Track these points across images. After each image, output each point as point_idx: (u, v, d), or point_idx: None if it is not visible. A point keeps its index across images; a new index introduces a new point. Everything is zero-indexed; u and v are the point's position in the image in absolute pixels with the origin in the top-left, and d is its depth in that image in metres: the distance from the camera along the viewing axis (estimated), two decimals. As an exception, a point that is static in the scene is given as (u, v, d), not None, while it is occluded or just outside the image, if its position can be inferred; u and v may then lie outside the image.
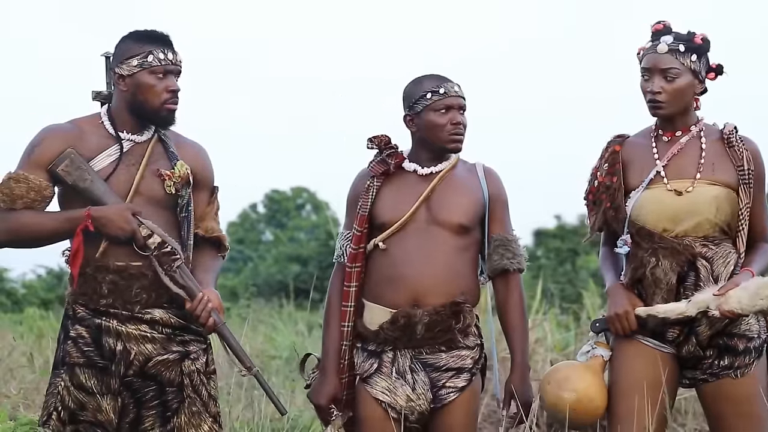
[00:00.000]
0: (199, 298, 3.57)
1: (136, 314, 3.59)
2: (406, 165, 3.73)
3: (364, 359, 3.70)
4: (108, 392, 3.60)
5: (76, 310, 3.62)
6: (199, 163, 3.75)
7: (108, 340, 3.59)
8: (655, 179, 3.70)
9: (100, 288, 3.58)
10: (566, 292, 16.01)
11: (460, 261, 3.67)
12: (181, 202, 3.66)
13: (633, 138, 3.82)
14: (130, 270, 3.58)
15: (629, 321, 3.65)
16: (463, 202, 3.69)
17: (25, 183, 3.57)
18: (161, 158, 3.67)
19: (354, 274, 3.70)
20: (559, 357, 6.92)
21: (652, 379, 3.62)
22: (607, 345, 3.74)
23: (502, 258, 3.69)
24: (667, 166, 3.70)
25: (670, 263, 3.63)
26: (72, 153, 3.58)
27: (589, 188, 3.83)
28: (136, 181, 3.61)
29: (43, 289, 24.73)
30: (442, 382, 3.64)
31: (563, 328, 8.44)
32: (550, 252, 25.74)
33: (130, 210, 3.55)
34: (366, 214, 3.70)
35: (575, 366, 3.71)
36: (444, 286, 3.62)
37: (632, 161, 3.75)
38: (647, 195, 3.69)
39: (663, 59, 3.66)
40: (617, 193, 3.72)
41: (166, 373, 3.62)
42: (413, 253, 3.63)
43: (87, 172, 3.57)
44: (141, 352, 3.59)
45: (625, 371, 3.66)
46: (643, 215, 3.69)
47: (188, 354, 3.65)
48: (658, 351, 3.66)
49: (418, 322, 3.60)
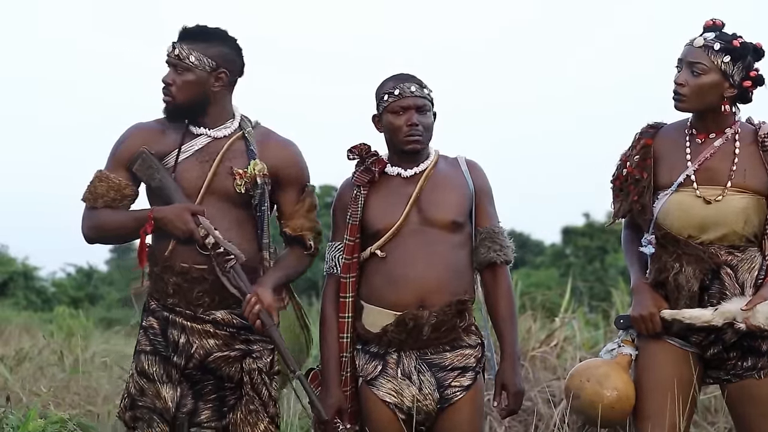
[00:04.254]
0: (247, 300, 3.57)
1: (200, 315, 3.64)
2: (388, 169, 3.72)
3: (366, 361, 3.68)
4: (168, 381, 3.65)
5: (149, 303, 3.71)
6: (284, 161, 3.73)
7: (173, 332, 3.65)
8: (684, 182, 3.64)
9: (166, 287, 3.65)
10: (595, 290, 15.97)
11: (459, 258, 3.66)
12: (254, 202, 3.66)
13: (667, 131, 3.75)
14: (193, 273, 3.62)
15: (654, 323, 3.63)
16: (452, 199, 3.67)
17: (106, 182, 3.65)
18: (239, 156, 3.68)
19: (350, 285, 3.68)
20: (588, 355, 6.89)
21: (681, 376, 3.61)
22: (633, 343, 3.73)
23: (489, 251, 3.67)
24: (698, 170, 3.63)
25: (694, 270, 3.60)
26: (144, 152, 3.64)
27: (617, 174, 3.79)
28: (208, 178, 3.64)
29: (73, 288, 24.90)
30: (448, 381, 3.63)
31: (592, 327, 8.42)
32: (579, 250, 25.67)
33: (189, 210, 3.57)
34: (357, 223, 3.68)
35: (610, 363, 3.68)
36: (449, 285, 3.61)
37: (663, 157, 3.70)
38: (675, 199, 3.64)
39: (694, 53, 3.60)
40: (646, 192, 3.68)
41: (226, 368, 3.65)
42: (414, 254, 3.61)
43: (157, 171, 3.62)
44: (203, 346, 3.63)
45: (652, 369, 3.65)
46: (669, 220, 3.65)
47: (251, 352, 3.67)
48: (683, 349, 3.65)
49: (426, 323, 3.58)
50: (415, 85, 3.66)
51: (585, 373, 3.66)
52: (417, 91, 3.65)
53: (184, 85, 3.64)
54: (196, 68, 3.63)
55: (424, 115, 3.66)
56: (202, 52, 3.64)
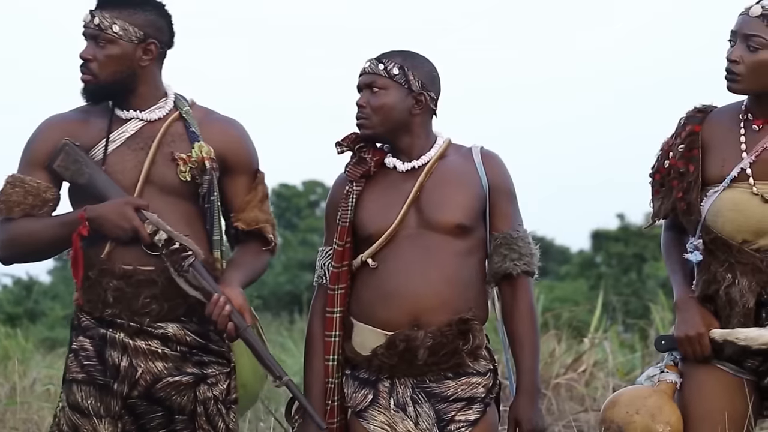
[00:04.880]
0: (214, 300, 3.55)
1: (146, 328, 3.61)
2: (387, 161, 3.72)
3: (355, 389, 3.68)
4: (107, 415, 3.62)
5: (81, 319, 3.66)
6: (231, 144, 3.74)
7: (112, 354, 3.61)
8: (739, 177, 3.62)
9: (104, 295, 3.61)
10: (631, 305, 15.97)
11: (464, 268, 3.65)
12: (201, 191, 3.66)
13: (717, 115, 3.73)
14: (138, 275, 3.61)
15: (702, 345, 3.61)
16: (459, 198, 3.65)
17: (21, 187, 3.62)
18: (179, 140, 3.68)
19: (338, 298, 3.68)
20: (622, 383, 6.91)
21: (732, 408, 3.60)
22: (677, 368, 3.71)
23: (505, 260, 3.65)
24: (754, 162, 3.62)
25: (749, 283, 3.58)
26: (67, 144, 3.62)
27: (657, 167, 3.77)
28: (145, 168, 3.63)
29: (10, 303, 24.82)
30: (450, 415, 3.61)
31: (627, 349, 8.45)
32: (612, 258, 25.70)
33: (131, 205, 3.57)
34: (347, 225, 3.68)
35: (659, 393, 3.65)
36: (448, 300, 3.60)
37: (713, 147, 3.68)
38: (727, 197, 3.62)
39: (751, 24, 3.57)
40: (693, 187, 3.66)
41: (177, 397, 3.63)
42: (409, 264, 3.61)
43: (86, 165, 3.61)
44: (149, 370, 3.61)
45: (700, 400, 3.64)
46: (720, 222, 3.63)
47: (205, 377, 3.65)
48: (736, 377, 3.64)
49: (420, 345, 3.57)
50: (373, 61, 3.67)
51: (633, 404, 3.63)
52: (369, 66, 3.66)
53: (106, 61, 3.63)
54: (121, 39, 3.63)
55: (374, 95, 3.65)
56: (127, 20, 3.63)
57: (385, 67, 3.65)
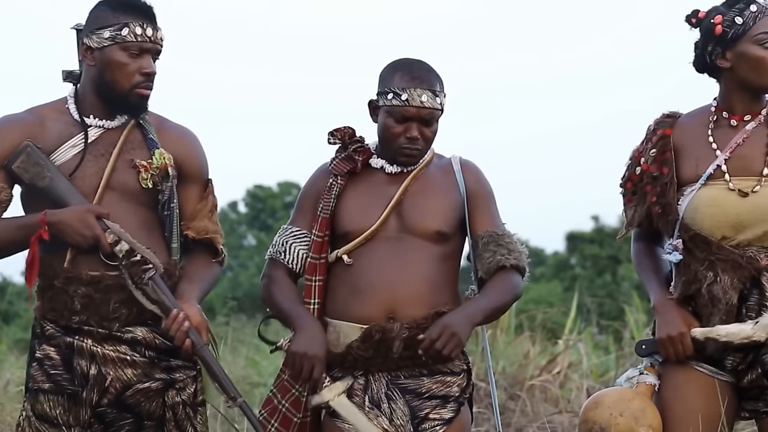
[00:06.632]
0: (173, 316, 3.56)
1: (115, 333, 3.60)
2: (373, 161, 3.73)
3: None
4: (76, 424, 3.61)
5: (44, 327, 3.63)
6: (185, 152, 3.75)
7: (80, 363, 3.60)
8: (714, 174, 3.64)
9: (71, 303, 3.59)
10: (605, 307, 16.00)
11: (440, 271, 3.67)
12: (161, 198, 3.65)
13: (686, 118, 3.76)
14: (107, 281, 3.59)
15: (684, 345, 3.62)
16: (440, 206, 3.69)
17: None
18: (138, 147, 3.67)
19: (315, 289, 3.69)
20: (597, 385, 6.92)
21: (708, 410, 3.61)
22: (656, 370, 3.71)
23: (495, 254, 3.66)
24: (729, 158, 3.64)
25: (731, 279, 3.59)
26: (29, 147, 3.59)
27: (629, 175, 3.78)
28: (106, 174, 3.62)
29: (-17, 304, 24.69)
30: (424, 412, 3.62)
31: (601, 351, 8.46)
32: (587, 260, 25.78)
33: (93, 212, 3.55)
34: (327, 217, 3.69)
35: (640, 395, 3.65)
36: (425, 294, 3.62)
37: (686, 148, 3.70)
38: (704, 194, 3.63)
39: None
40: (668, 189, 3.67)
41: (146, 404, 3.63)
42: (385, 261, 3.63)
43: (46, 168, 3.58)
44: (118, 377, 3.60)
45: (676, 401, 3.65)
46: (699, 218, 3.64)
47: (173, 382, 3.65)
48: (714, 378, 3.64)
49: (396, 337, 3.57)
50: (428, 94, 3.63)
51: (617, 406, 3.62)
52: (428, 101, 3.63)
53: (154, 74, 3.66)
54: None
55: (428, 127, 3.66)
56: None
57: (440, 101, 3.65)
